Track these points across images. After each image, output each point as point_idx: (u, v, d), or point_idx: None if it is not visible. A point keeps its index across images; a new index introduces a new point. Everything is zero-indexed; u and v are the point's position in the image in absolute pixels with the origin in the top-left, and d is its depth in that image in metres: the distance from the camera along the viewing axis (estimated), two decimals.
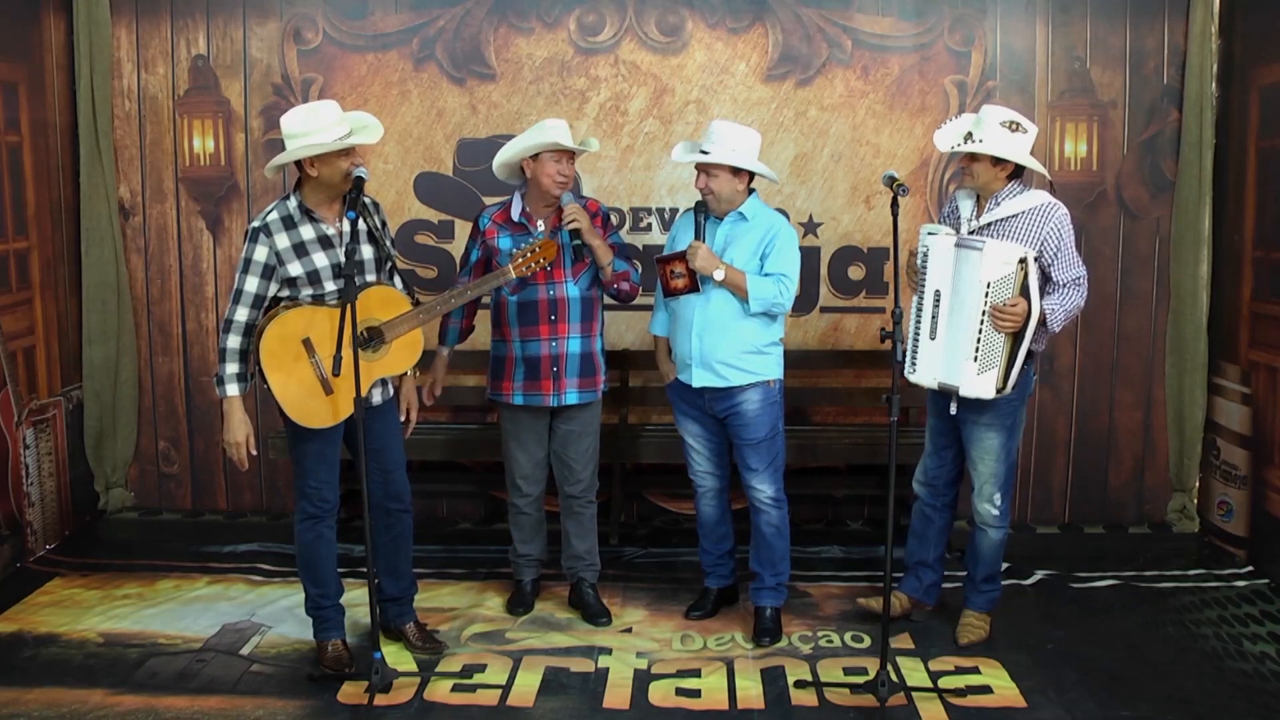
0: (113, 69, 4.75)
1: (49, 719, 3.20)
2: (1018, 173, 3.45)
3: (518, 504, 3.92)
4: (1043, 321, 3.37)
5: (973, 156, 3.41)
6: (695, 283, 3.57)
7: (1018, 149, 3.38)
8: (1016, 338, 3.34)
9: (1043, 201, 3.42)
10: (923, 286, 3.44)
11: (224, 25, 4.75)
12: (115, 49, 4.76)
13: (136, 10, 4.76)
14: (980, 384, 3.37)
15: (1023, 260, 3.30)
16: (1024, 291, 3.30)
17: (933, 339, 3.43)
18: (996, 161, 3.39)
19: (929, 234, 3.46)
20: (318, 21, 4.72)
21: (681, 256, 3.57)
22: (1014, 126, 3.37)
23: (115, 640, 3.75)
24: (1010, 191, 3.44)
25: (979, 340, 3.34)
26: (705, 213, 3.61)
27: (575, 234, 3.58)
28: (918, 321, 3.46)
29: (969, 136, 3.40)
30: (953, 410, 3.50)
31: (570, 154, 3.64)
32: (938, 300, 3.41)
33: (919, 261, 3.46)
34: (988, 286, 3.30)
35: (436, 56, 4.71)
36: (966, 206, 3.53)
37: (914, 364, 3.48)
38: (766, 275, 3.58)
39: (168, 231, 4.88)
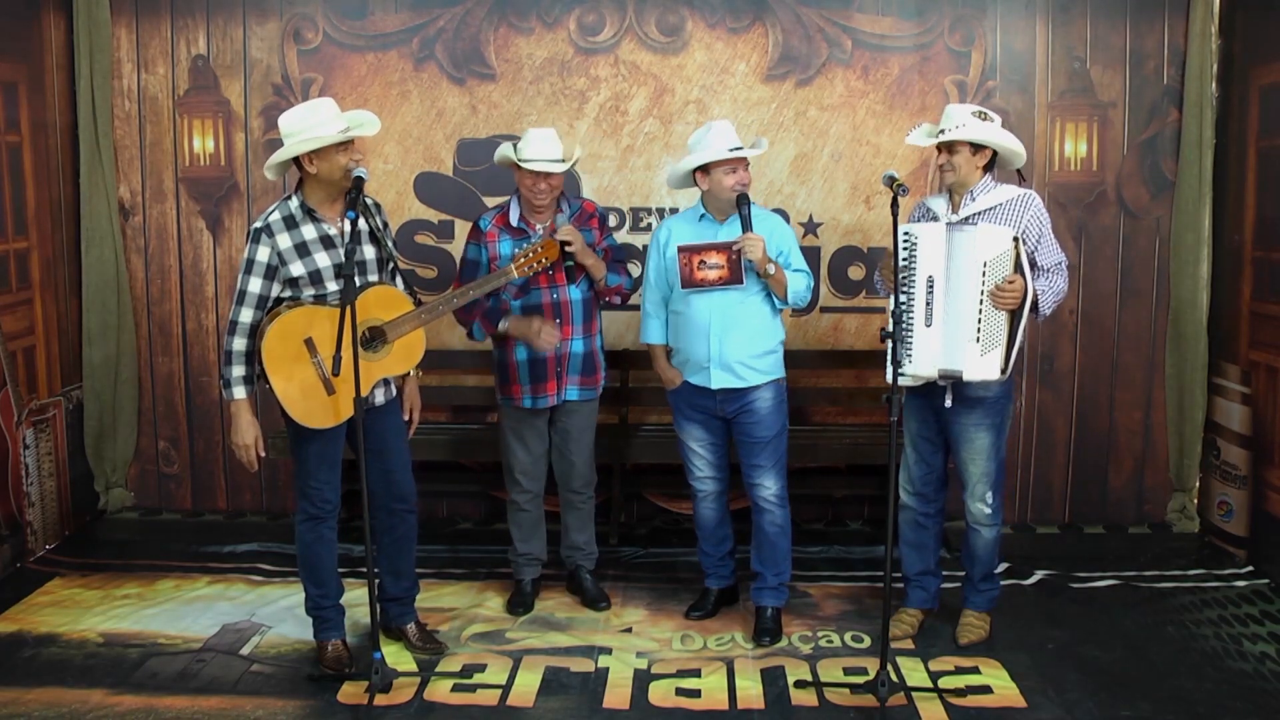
0: (113, 69, 4.76)
1: (49, 719, 3.20)
2: (989, 168, 3.48)
3: (518, 500, 3.94)
4: (1034, 305, 3.38)
5: (951, 150, 3.42)
6: (738, 275, 3.54)
7: (993, 133, 3.41)
8: (1013, 318, 3.35)
9: (1019, 192, 3.47)
10: (912, 276, 3.41)
11: (224, 25, 4.75)
12: (115, 49, 4.76)
13: (136, 10, 4.76)
14: (985, 365, 3.36)
15: (1015, 239, 3.33)
16: (1018, 270, 3.32)
17: (928, 326, 3.41)
18: (975, 151, 3.42)
19: (903, 233, 3.45)
20: (318, 21, 4.72)
21: (717, 248, 3.55)
22: (982, 115, 3.42)
23: (115, 640, 3.75)
24: (985, 186, 3.47)
25: (980, 320, 3.34)
26: (746, 203, 3.55)
27: (569, 255, 3.64)
28: (909, 313, 3.43)
29: (941, 133, 3.43)
30: (947, 403, 3.49)
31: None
32: (931, 287, 3.40)
33: (902, 258, 3.42)
34: (984, 266, 3.32)
35: (436, 56, 4.71)
36: (940, 205, 3.55)
37: (909, 356, 3.42)
38: (796, 271, 3.63)
39: (168, 231, 4.88)
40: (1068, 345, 4.78)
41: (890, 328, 3.26)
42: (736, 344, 3.61)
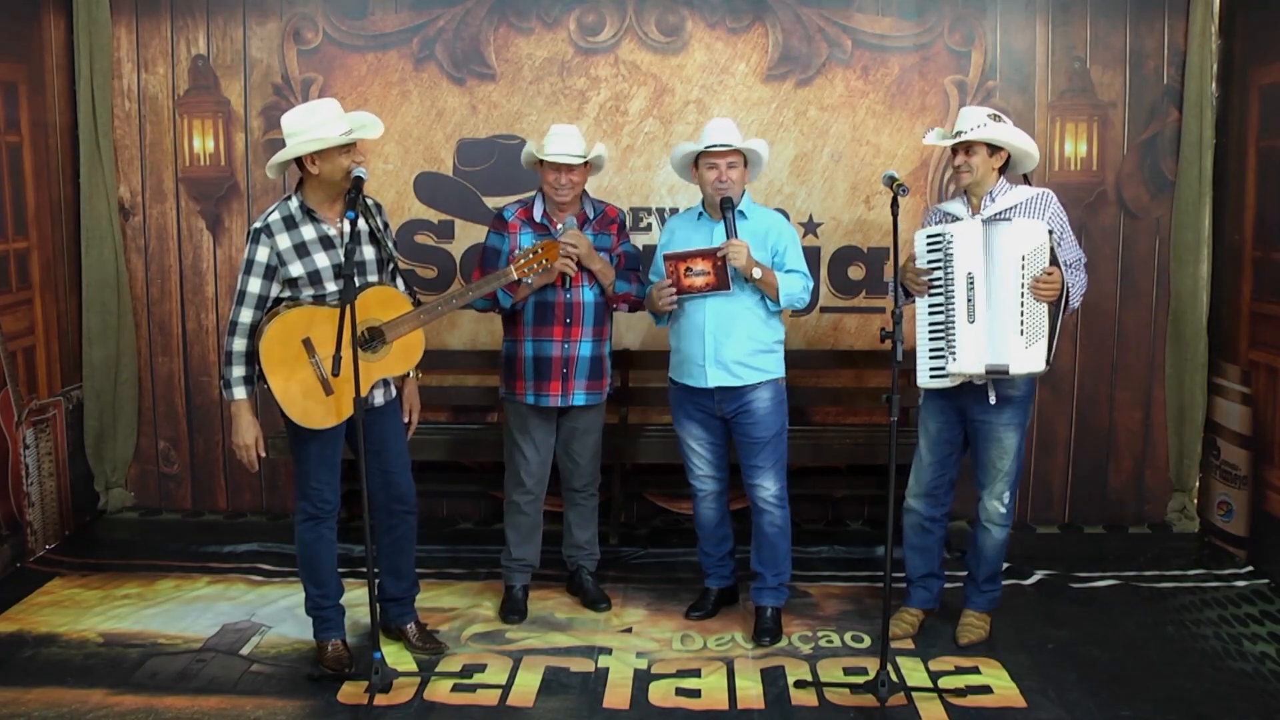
0: (113, 69, 4.76)
1: (49, 719, 3.20)
2: (1003, 169, 3.51)
3: (519, 502, 3.91)
4: (1066, 299, 3.40)
5: (969, 151, 3.43)
6: (724, 280, 3.54)
7: (1012, 134, 3.45)
8: (1051, 310, 3.36)
9: (1037, 191, 3.50)
10: (951, 275, 3.42)
11: (224, 25, 4.75)
12: (115, 49, 4.76)
13: (136, 10, 4.76)
14: (1030, 358, 3.37)
15: (1050, 232, 3.37)
16: (1053, 262, 3.35)
17: (971, 322, 3.41)
18: (992, 152, 3.44)
19: (930, 235, 3.47)
20: (318, 21, 4.72)
21: (703, 254, 3.54)
22: (996, 117, 3.45)
23: (115, 640, 3.75)
24: (1002, 187, 3.50)
25: (1023, 313, 3.35)
26: (730, 208, 3.57)
27: (575, 257, 3.64)
28: (950, 312, 3.43)
29: (959, 134, 3.44)
30: (992, 400, 3.49)
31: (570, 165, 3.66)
32: (971, 283, 3.41)
33: (932, 260, 3.44)
34: (1023, 259, 3.34)
35: (436, 56, 4.71)
36: (959, 208, 3.55)
37: (953, 355, 3.42)
38: (790, 272, 3.63)
39: (168, 231, 4.88)
40: (1068, 345, 4.77)
41: (890, 330, 3.25)
42: (732, 343, 3.61)
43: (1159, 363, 4.76)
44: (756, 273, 3.53)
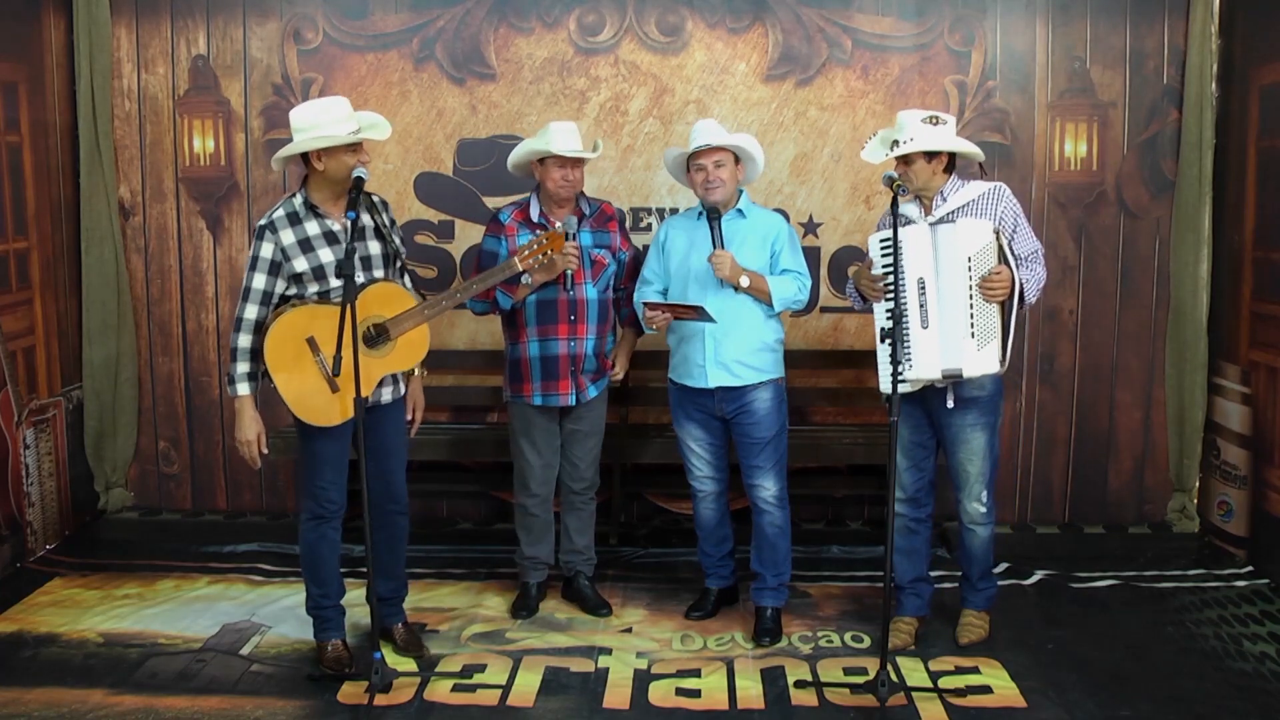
0: (113, 69, 4.76)
1: (49, 719, 3.20)
2: (950, 167, 3.47)
3: (527, 505, 3.91)
4: (1020, 296, 3.37)
5: (906, 161, 3.40)
6: (705, 316, 3.53)
7: (945, 138, 3.40)
8: (1003, 309, 3.35)
9: (989, 186, 3.46)
10: (902, 280, 3.39)
11: (224, 25, 4.75)
12: (115, 49, 4.76)
13: (136, 10, 4.76)
14: (983, 360, 3.35)
15: (996, 231, 3.34)
16: (1002, 261, 3.33)
17: (925, 328, 3.39)
18: (930, 158, 3.40)
19: (882, 239, 3.43)
20: (318, 21, 4.72)
21: (683, 308, 3.55)
22: (934, 121, 3.40)
23: (115, 640, 3.75)
24: (953, 186, 3.46)
25: (972, 316, 3.33)
26: (716, 218, 3.59)
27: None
28: (904, 318, 3.40)
29: (895, 144, 3.41)
30: (949, 404, 3.48)
31: (577, 159, 3.65)
32: (923, 288, 3.39)
33: (885, 264, 3.40)
34: (969, 260, 3.32)
35: (436, 56, 4.72)
36: (912, 210, 3.51)
37: (909, 361, 3.41)
38: (784, 273, 3.62)
39: (168, 231, 4.88)
40: (1068, 345, 4.78)
41: (889, 327, 3.25)
42: (732, 342, 3.61)
43: (1159, 363, 4.76)
44: (744, 281, 3.53)
